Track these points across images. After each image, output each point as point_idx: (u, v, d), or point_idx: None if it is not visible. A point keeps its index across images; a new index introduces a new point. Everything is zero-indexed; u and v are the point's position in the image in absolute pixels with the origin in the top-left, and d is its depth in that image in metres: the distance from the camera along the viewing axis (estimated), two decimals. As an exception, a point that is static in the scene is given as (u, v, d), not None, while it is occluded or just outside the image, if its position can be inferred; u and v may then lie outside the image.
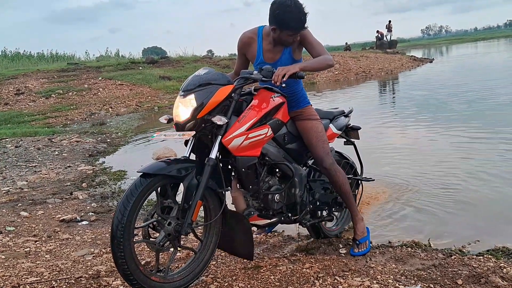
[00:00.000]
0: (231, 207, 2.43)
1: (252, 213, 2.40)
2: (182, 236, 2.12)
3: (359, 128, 3.17)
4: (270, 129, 2.37)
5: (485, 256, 2.54)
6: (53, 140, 7.91)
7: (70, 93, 13.42)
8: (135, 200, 1.93)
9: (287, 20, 2.35)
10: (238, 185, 2.41)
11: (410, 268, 2.43)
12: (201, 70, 2.27)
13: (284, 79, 2.25)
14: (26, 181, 5.07)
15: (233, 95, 2.24)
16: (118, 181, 5.07)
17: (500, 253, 2.60)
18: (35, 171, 5.61)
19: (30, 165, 5.97)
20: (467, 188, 3.92)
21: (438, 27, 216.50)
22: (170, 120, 2.25)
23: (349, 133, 3.15)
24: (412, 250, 2.70)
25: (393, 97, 11.97)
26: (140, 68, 17.44)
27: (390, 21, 29.90)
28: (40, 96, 13.11)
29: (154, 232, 2.14)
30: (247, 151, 2.26)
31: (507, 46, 34.95)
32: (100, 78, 15.21)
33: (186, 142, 2.25)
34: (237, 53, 2.71)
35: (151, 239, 2.11)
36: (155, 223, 2.09)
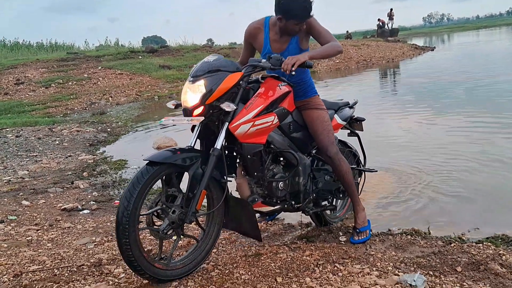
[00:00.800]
0: (236, 194, 2.45)
1: (256, 199, 2.42)
2: (184, 224, 2.14)
3: (363, 120, 3.17)
4: (276, 117, 2.38)
5: (484, 243, 2.55)
6: (53, 129, 7.91)
7: (70, 83, 13.38)
8: (141, 187, 1.94)
9: (293, 9, 2.34)
10: (243, 172, 2.42)
11: (410, 255, 2.44)
12: (210, 57, 2.27)
13: (293, 68, 2.25)
14: (27, 170, 5.08)
15: (241, 82, 2.24)
16: (118, 170, 5.08)
17: (500, 240, 2.61)
18: (36, 161, 5.62)
19: (31, 155, 5.98)
20: (467, 176, 3.93)
21: (440, 15, 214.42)
22: (177, 106, 2.27)
23: (353, 124, 3.16)
24: (412, 238, 2.71)
25: (394, 85, 11.92)
26: (140, 57, 17.35)
27: (391, 9, 29.65)
28: (40, 85, 13.08)
29: (157, 220, 2.15)
30: (253, 138, 2.27)
31: (508, 34, 34.70)
32: (99, 68, 15.15)
33: (192, 128, 2.26)
34: (243, 43, 2.71)
35: (155, 226, 2.13)
36: (159, 211, 2.10)
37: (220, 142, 2.17)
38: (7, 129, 8.00)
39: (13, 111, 10.67)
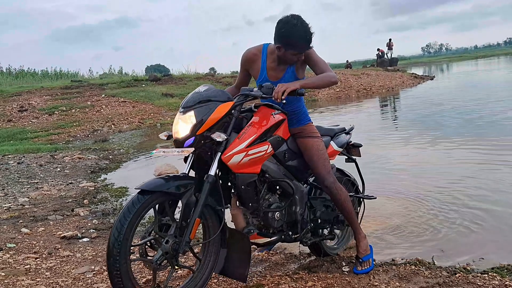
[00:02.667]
0: (230, 224, 2.41)
1: (252, 231, 2.37)
2: (180, 254, 2.09)
3: (360, 146, 3.17)
4: (270, 146, 2.36)
5: (490, 274, 2.51)
6: (55, 156, 7.93)
7: (73, 110, 13.51)
8: (132, 217, 1.91)
9: (293, 39, 2.36)
10: (237, 202, 2.39)
11: (414, 286, 2.40)
12: (201, 87, 2.28)
13: (283, 96, 2.25)
14: (28, 197, 5.06)
15: (233, 111, 2.25)
16: (119, 197, 5.05)
17: (505, 271, 2.57)
18: (37, 188, 5.60)
19: (32, 182, 5.97)
20: (471, 205, 3.89)
21: (439, 45, 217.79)
22: (170, 137, 2.25)
23: (350, 150, 3.15)
24: (416, 268, 2.66)
25: (394, 114, 12.00)
26: (143, 85, 17.58)
27: (390, 39, 30.22)
28: (43, 113, 13.20)
29: (151, 250, 2.12)
30: (247, 168, 2.25)
31: (506, 64, 35.17)
32: (103, 95, 15.33)
33: (185, 159, 2.25)
34: (239, 68, 2.72)
35: (148, 257, 2.08)
36: (152, 241, 2.06)
37: (213, 169, 2.14)
38: (9, 156, 8.02)
39: (16, 137, 10.72)
